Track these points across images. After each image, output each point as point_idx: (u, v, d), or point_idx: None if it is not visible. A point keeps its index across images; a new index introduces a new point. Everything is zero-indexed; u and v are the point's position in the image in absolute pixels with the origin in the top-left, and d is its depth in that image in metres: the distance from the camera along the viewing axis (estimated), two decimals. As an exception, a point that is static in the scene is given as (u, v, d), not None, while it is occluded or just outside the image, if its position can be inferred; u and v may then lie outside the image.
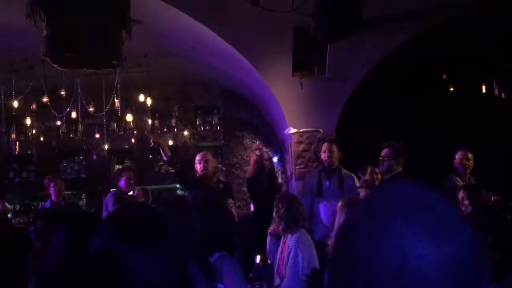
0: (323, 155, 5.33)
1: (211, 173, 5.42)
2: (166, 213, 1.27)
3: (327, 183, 5.19)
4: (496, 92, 6.93)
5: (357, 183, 5.26)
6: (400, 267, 0.64)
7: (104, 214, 5.14)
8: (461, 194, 4.33)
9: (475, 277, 0.66)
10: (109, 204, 5.41)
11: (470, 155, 5.52)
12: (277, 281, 3.92)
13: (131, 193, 5.64)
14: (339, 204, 3.87)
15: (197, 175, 5.41)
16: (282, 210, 3.82)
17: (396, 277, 0.64)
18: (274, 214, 3.94)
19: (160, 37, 6.38)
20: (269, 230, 4.22)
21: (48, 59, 4.72)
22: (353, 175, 5.33)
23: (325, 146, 5.37)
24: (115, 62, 4.78)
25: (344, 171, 5.31)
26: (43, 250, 3.10)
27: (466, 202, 4.26)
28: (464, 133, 6.71)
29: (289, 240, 3.81)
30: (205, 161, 5.36)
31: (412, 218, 0.66)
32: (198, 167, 5.37)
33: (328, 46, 5.73)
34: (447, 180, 5.36)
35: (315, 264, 3.69)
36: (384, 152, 4.83)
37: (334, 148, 5.31)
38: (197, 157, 5.48)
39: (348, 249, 0.70)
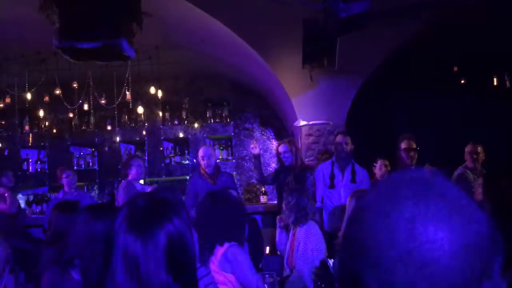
0: (342, 147, 5.18)
1: (215, 166, 5.46)
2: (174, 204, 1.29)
3: (341, 175, 5.16)
4: (508, 84, 6.87)
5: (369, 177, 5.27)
6: (410, 250, 0.63)
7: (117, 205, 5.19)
8: (479, 181, 4.33)
9: (488, 264, 0.65)
10: (119, 196, 5.47)
11: (479, 148, 5.49)
12: (286, 271, 3.95)
13: (145, 188, 5.67)
14: (349, 197, 3.89)
15: (201, 169, 5.44)
16: (292, 203, 3.84)
17: (406, 260, 0.63)
18: (283, 206, 3.96)
19: (171, 30, 6.41)
20: (277, 223, 4.23)
21: (60, 51, 4.78)
22: (365, 169, 5.30)
23: (341, 138, 5.23)
24: (126, 55, 4.83)
25: (356, 164, 5.28)
26: (56, 240, 3.16)
27: (479, 190, 4.26)
28: (475, 125, 6.68)
29: (298, 232, 3.83)
30: (207, 157, 5.38)
31: (425, 203, 0.66)
32: (202, 163, 5.39)
33: (338, 39, 5.71)
34: (456, 171, 5.35)
35: (324, 255, 3.71)
36: (410, 143, 4.91)
37: (350, 140, 5.26)
38: (200, 153, 5.47)
39: (359, 231, 0.69)
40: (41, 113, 8.24)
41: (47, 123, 8.69)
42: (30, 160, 8.83)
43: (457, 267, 0.62)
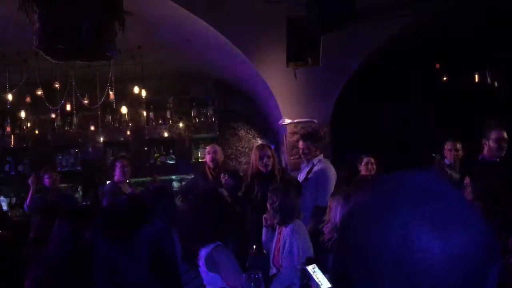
0: (300, 150, 5.27)
1: (220, 165, 5.48)
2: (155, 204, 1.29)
3: (302, 174, 5.21)
4: (489, 81, 6.96)
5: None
6: (402, 257, 0.62)
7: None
8: (467, 180, 4.37)
9: (482, 273, 0.63)
10: (104, 197, 5.42)
11: (458, 145, 5.58)
12: (273, 270, 3.94)
13: (131, 189, 5.62)
14: (331, 197, 3.91)
15: (206, 166, 5.49)
16: (277, 203, 3.81)
17: (397, 267, 0.62)
18: (268, 206, 3.93)
19: (154, 29, 6.36)
20: (263, 223, 4.22)
21: (41, 51, 4.71)
22: (323, 168, 5.06)
23: (299, 144, 5.27)
24: (108, 54, 4.78)
25: (319, 164, 5.12)
26: (40, 241, 3.12)
27: (468, 189, 4.31)
28: (458, 122, 6.75)
29: (284, 230, 3.83)
30: (213, 152, 5.42)
31: (420, 209, 0.64)
32: (207, 158, 5.45)
33: (322, 37, 5.73)
34: (434, 164, 5.41)
35: (310, 253, 3.71)
36: (501, 133, 4.46)
37: (309, 144, 5.18)
38: (207, 148, 5.63)
39: (352, 236, 0.68)
40: (23, 114, 8.12)
41: (29, 124, 8.56)
42: (12, 162, 8.70)
43: (449, 277, 0.61)
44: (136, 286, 1.16)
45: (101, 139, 8.49)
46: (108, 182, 5.66)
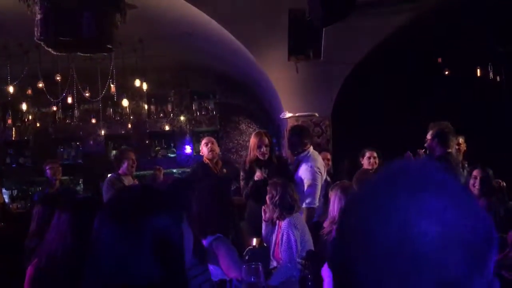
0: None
1: (217, 157, 5.44)
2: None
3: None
4: (491, 75, 6.93)
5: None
6: (400, 242, 0.62)
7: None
8: (475, 173, 4.37)
9: (481, 260, 0.64)
10: (105, 190, 5.40)
11: (461, 140, 5.54)
12: (273, 264, 3.95)
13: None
14: (331, 189, 3.90)
15: (204, 158, 5.42)
16: (276, 198, 3.80)
17: (395, 252, 0.62)
18: (267, 200, 3.92)
19: (155, 22, 6.35)
20: (263, 216, 4.21)
21: (42, 43, 4.71)
22: (310, 163, 4.80)
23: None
24: (109, 46, 4.77)
25: (305, 161, 4.84)
26: (41, 233, 3.11)
27: (477, 184, 4.32)
28: (460, 116, 6.73)
29: (283, 224, 3.83)
30: (212, 143, 5.37)
31: (419, 195, 0.64)
32: (205, 149, 5.36)
33: (324, 30, 5.71)
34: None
35: (310, 246, 3.71)
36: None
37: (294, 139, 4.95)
38: (204, 140, 5.46)
39: (352, 222, 0.68)
40: (24, 106, 8.13)
41: (30, 117, 8.57)
42: (13, 155, 8.72)
43: (448, 262, 0.62)
44: (139, 274, 1.14)
45: (102, 132, 8.50)
46: (109, 175, 5.63)
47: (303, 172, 4.71)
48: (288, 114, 6.42)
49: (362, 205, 0.69)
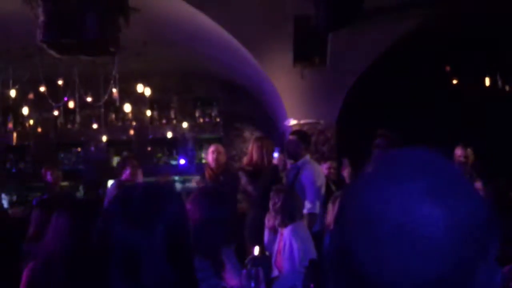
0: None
1: (222, 166, 5.37)
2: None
3: None
4: (500, 84, 6.87)
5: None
6: (402, 224, 0.62)
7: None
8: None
9: (484, 245, 0.65)
10: (109, 195, 5.34)
11: (469, 150, 5.44)
12: (275, 272, 3.88)
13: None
14: (331, 201, 3.83)
15: (209, 166, 5.37)
16: (278, 205, 3.77)
17: (398, 234, 0.62)
18: (270, 206, 3.88)
19: (159, 26, 6.31)
20: (265, 225, 4.17)
21: (45, 45, 4.67)
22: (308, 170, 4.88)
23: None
24: (112, 50, 4.73)
25: (304, 168, 4.80)
26: (39, 236, 3.06)
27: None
28: (467, 126, 6.65)
29: (285, 232, 3.78)
30: (217, 152, 5.32)
31: (422, 180, 0.65)
32: (210, 158, 5.33)
33: (330, 37, 5.66)
34: None
35: (312, 255, 3.64)
36: (377, 141, 4.72)
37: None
38: (211, 148, 5.41)
39: (353, 207, 0.68)
40: (25, 111, 8.07)
41: (31, 122, 8.51)
42: (14, 160, 8.66)
43: (451, 245, 0.62)
44: (152, 274, 1.14)
45: (104, 137, 8.43)
46: (113, 180, 5.57)
47: (303, 178, 4.65)
48: (292, 121, 6.36)
49: (363, 189, 0.69)
